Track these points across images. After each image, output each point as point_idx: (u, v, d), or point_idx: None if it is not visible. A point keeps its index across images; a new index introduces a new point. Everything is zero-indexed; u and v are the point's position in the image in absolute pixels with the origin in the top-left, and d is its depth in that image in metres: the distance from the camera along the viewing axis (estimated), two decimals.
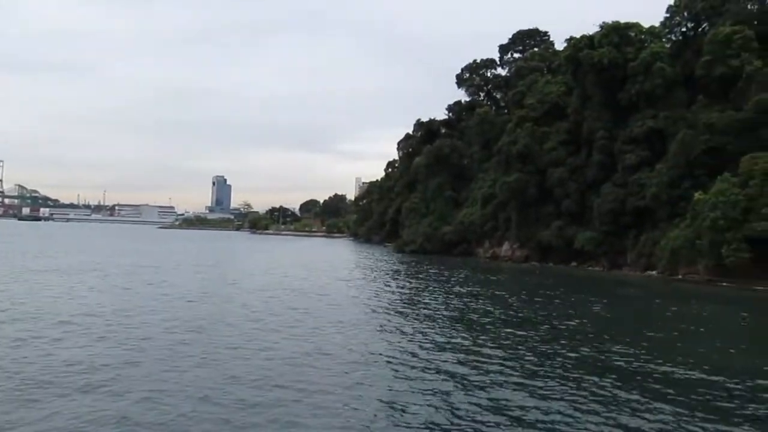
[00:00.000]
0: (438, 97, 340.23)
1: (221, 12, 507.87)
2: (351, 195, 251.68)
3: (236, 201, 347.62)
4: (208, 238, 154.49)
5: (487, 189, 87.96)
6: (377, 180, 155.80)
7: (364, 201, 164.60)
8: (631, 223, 64.82)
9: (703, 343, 24.14)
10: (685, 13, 69.94)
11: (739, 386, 16.78)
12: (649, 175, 62.00)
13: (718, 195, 50.27)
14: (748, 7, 65.79)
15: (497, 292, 41.16)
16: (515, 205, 79.29)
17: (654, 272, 59.35)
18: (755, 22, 62.80)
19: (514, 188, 77.30)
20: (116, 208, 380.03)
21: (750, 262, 48.64)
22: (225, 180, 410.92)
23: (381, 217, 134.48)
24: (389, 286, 44.10)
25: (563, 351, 20.77)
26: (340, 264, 67.13)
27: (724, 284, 49.31)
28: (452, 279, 50.72)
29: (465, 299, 35.88)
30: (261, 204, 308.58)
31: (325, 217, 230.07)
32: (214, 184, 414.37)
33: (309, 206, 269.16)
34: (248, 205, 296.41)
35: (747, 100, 55.72)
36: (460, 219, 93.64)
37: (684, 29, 71.37)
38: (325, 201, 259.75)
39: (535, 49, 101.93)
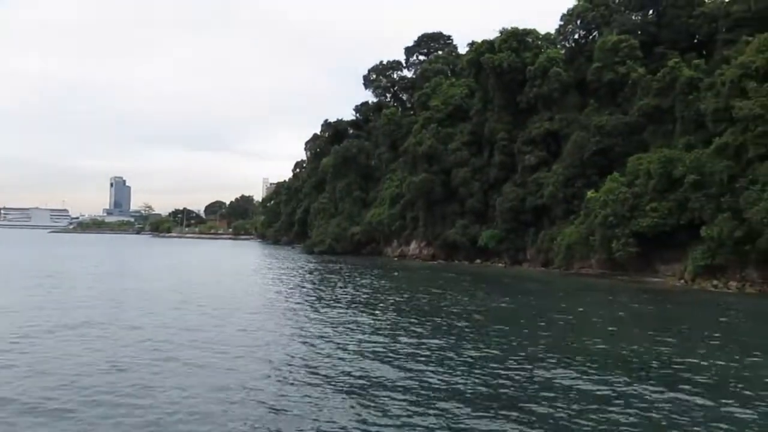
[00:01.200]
0: (346, 98, 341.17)
1: (121, 4, 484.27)
2: (258, 196, 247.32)
3: (136, 203, 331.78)
4: (103, 242, 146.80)
5: (395, 189, 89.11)
6: (285, 181, 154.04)
7: (272, 202, 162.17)
8: (531, 220, 67.76)
9: (582, 329, 25.65)
10: (578, 22, 73.94)
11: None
12: (547, 174, 65.04)
13: (608, 193, 53.52)
14: (633, 17, 70.49)
15: (402, 287, 41.80)
16: (422, 204, 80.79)
17: (552, 267, 62.35)
18: (639, 32, 67.40)
19: (420, 188, 78.74)
20: (1, 211, 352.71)
21: (637, 255, 52.19)
22: (124, 181, 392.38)
23: (289, 218, 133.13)
24: (298, 287, 43.68)
25: (459, 342, 21.44)
26: (245, 266, 65.78)
27: (617, 276, 52.62)
28: (358, 278, 50.98)
29: (372, 297, 36.16)
30: (163, 206, 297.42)
31: (232, 218, 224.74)
32: (112, 185, 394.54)
33: (215, 208, 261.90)
34: (149, 208, 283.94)
35: (632, 105, 59.69)
36: (368, 219, 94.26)
37: (576, 36, 75.46)
38: (231, 202, 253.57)
39: (440, 52, 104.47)
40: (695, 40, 66.23)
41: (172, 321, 25.30)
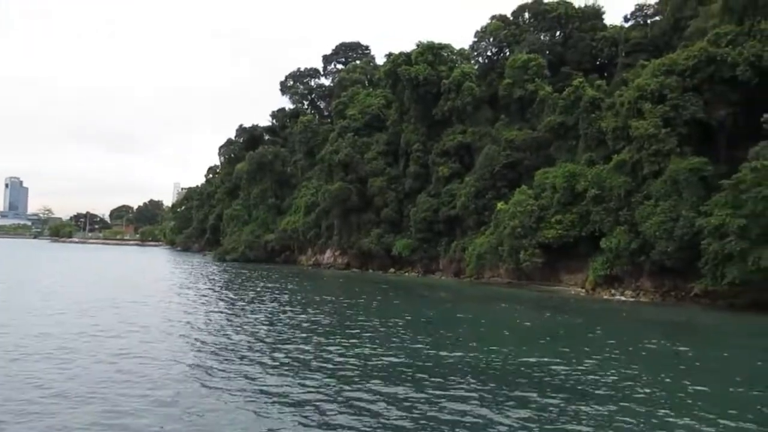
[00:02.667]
0: (263, 104, 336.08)
1: None
2: (169, 201, 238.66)
3: (34, 206, 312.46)
4: None
5: (311, 197, 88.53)
6: (197, 186, 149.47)
7: (183, 207, 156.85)
8: (444, 230, 69.18)
9: (479, 336, 26.46)
10: (490, 39, 76.61)
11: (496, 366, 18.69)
12: (459, 186, 66.68)
13: (517, 205, 55.53)
14: (542, 38, 73.86)
15: (316, 298, 41.53)
16: (338, 213, 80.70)
17: (463, 276, 63.89)
18: (547, 52, 70.72)
19: (336, 196, 78.64)
20: None
21: (543, 265, 54.42)
22: (21, 182, 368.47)
23: (201, 225, 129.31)
24: (207, 298, 42.40)
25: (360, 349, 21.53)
26: (149, 275, 63.19)
27: (524, 285, 54.59)
28: (270, 286, 50.20)
29: (283, 307, 35.68)
30: (64, 210, 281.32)
31: (139, 224, 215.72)
32: (7, 186, 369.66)
33: (121, 212, 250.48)
34: (49, 211, 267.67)
35: (540, 121, 62.37)
36: (283, 226, 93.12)
37: (489, 53, 78.16)
38: (139, 207, 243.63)
39: (357, 62, 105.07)
40: (598, 62, 70.25)
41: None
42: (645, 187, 46.63)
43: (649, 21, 66.77)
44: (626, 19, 70.26)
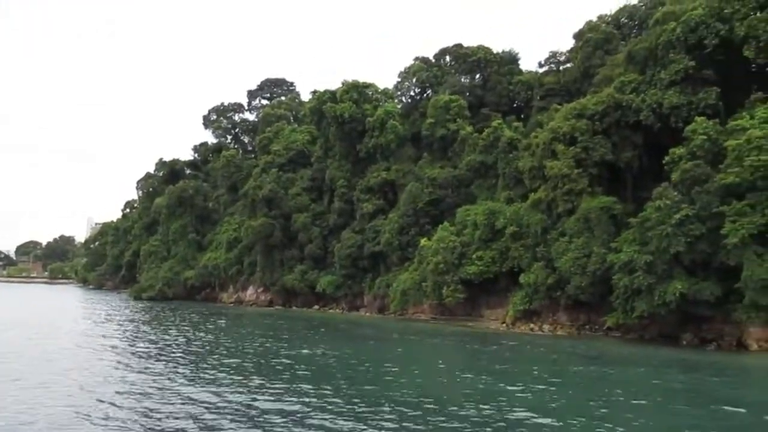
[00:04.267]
0: (184, 138, 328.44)
1: None
2: (81, 237, 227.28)
3: None
4: None
5: (233, 232, 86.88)
6: (113, 221, 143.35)
7: (97, 243, 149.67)
8: (368, 266, 69.32)
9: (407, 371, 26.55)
10: (413, 80, 78.69)
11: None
12: (383, 222, 67.27)
13: (439, 242, 56.52)
14: (462, 80, 76.64)
15: (234, 335, 40.42)
16: (261, 249, 79.39)
17: (387, 313, 63.96)
18: (467, 94, 73.29)
19: (259, 232, 77.44)
20: None
21: (465, 301, 55.38)
22: None
23: (116, 261, 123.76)
24: (110, 339, 40.40)
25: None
26: (54, 319, 59.67)
27: (446, 321, 55.20)
28: (184, 327, 48.48)
29: (187, 348, 34.50)
30: None
31: (49, 261, 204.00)
32: None
33: (28, 248, 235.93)
34: None
35: (461, 160, 64.21)
36: (203, 263, 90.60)
37: (412, 93, 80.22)
38: (48, 243, 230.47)
39: (282, 98, 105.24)
40: (515, 105, 73.41)
41: None
42: (560, 224, 48.60)
43: (561, 67, 70.56)
44: (540, 65, 74.06)
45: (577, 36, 65.00)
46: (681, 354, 35.71)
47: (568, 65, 68.93)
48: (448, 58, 79.79)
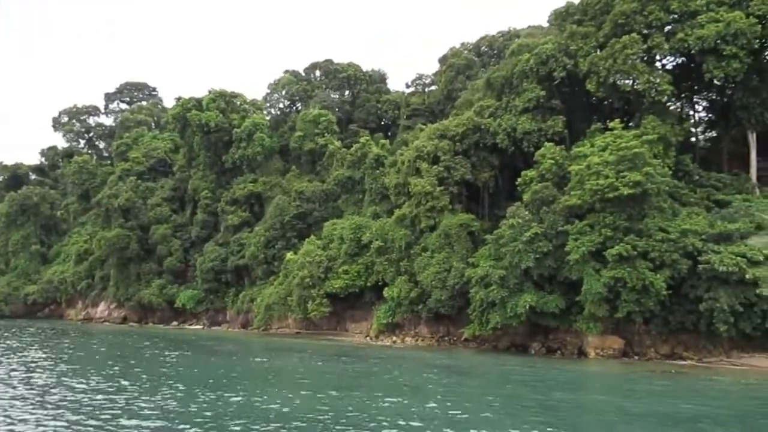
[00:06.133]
0: (30, 139, 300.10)
1: None
2: None
3: None
4: None
5: (83, 244, 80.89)
6: None
7: None
8: (232, 280, 67.40)
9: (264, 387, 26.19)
10: (283, 92, 78.28)
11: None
12: (249, 235, 65.85)
13: (305, 256, 56.26)
14: (332, 95, 77.47)
15: (85, 356, 37.46)
16: (114, 262, 74.46)
17: (251, 328, 62.42)
18: (337, 109, 74.20)
19: (113, 244, 72.62)
20: None
21: (330, 315, 55.49)
22: None
23: None
24: None
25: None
26: None
27: (311, 335, 54.90)
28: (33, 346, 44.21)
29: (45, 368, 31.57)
30: None
31: None
32: None
33: None
34: None
35: (329, 174, 64.62)
36: (48, 277, 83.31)
37: (281, 106, 79.71)
38: None
39: (143, 103, 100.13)
40: (382, 122, 75.48)
41: None
42: (423, 239, 50.30)
43: (426, 89, 73.66)
44: (407, 86, 76.86)
45: (442, 60, 68.24)
46: (529, 362, 38.18)
47: (433, 87, 72.08)
48: (318, 73, 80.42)
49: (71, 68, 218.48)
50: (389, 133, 72.28)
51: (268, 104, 79.66)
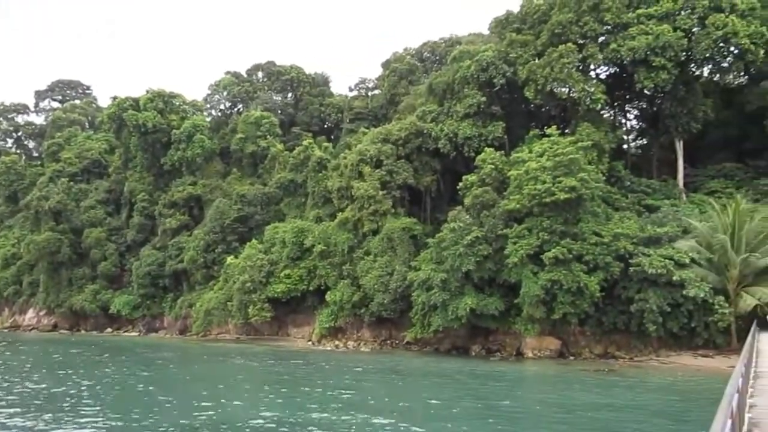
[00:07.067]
0: None
1: None
2: None
3: None
4: None
5: (10, 248, 77.12)
6: None
7: None
8: (170, 286, 65.64)
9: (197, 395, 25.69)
10: (224, 93, 76.94)
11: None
12: (188, 239, 64.30)
13: (247, 260, 55.40)
14: (275, 97, 76.67)
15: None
16: (44, 267, 71.29)
17: (190, 334, 60.92)
18: (279, 112, 73.49)
19: (43, 248, 69.51)
20: None
21: (272, 320, 54.77)
22: None
23: None
24: None
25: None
26: None
27: (252, 341, 54.06)
28: None
29: None
30: None
31: None
32: None
33: None
34: None
35: (271, 177, 63.89)
36: None
37: (222, 107, 78.32)
38: None
39: (77, 101, 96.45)
40: (325, 126, 75.22)
41: None
42: (365, 243, 50.38)
43: (369, 93, 73.88)
44: (351, 89, 76.94)
45: (385, 65, 68.61)
46: (470, 363, 38.76)
47: (376, 92, 72.39)
48: (260, 75, 79.46)
49: None
50: (332, 137, 72.08)
51: (208, 105, 78.12)
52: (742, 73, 47.86)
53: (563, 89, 46.26)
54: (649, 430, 20.57)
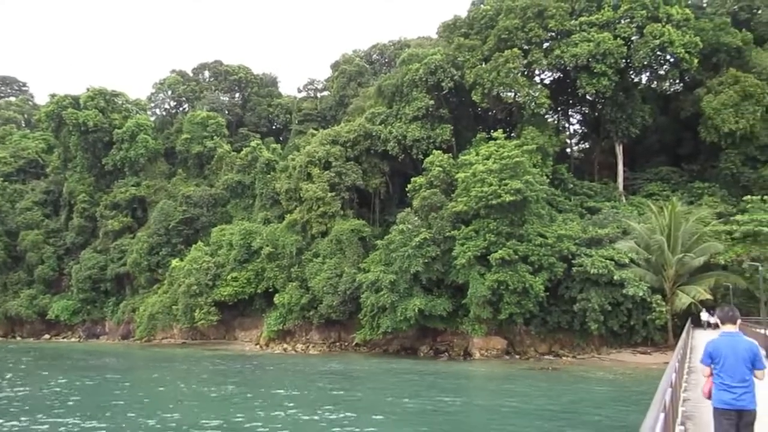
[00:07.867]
0: None
1: None
2: None
3: None
4: None
5: None
6: None
7: None
8: (112, 290, 63.72)
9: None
10: (169, 92, 75.14)
11: None
12: (131, 241, 62.56)
13: (192, 262, 54.24)
14: (222, 97, 75.42)
15: None
16: None
17: (133, 339, 59.25)
18: (227, 112, 72.33)
19: None
20: None
21: (218, 323, 53.81)
22: None
23: None
24: None
25: None
26: None
27: (198, 345, 52.92)
28: None
29: None
30: None
31: None
32: None
33: None
34: None
35: (218, 178, 62.80)
36: None
37: (167, 107, 76.48)
38: None
39: (12, 99, 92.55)
40: (274, 127, 74.52)
41: None
42: (314, 245, 50.09)
43: (318, 95, 73.57)
44: (299, 90, 76.42)
45: (334, 66, 68.44)
46: (418, 364, 39.01)
47: (325, 93, 72.14)
48: (207, 74, 78.05)
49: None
50: (281, 138, 71.44)
51: (152, 105, 76.14)
52: (677, 81, 49.92)
53: (509, 93, 47.21)
54: (586, 421, 21.14)
